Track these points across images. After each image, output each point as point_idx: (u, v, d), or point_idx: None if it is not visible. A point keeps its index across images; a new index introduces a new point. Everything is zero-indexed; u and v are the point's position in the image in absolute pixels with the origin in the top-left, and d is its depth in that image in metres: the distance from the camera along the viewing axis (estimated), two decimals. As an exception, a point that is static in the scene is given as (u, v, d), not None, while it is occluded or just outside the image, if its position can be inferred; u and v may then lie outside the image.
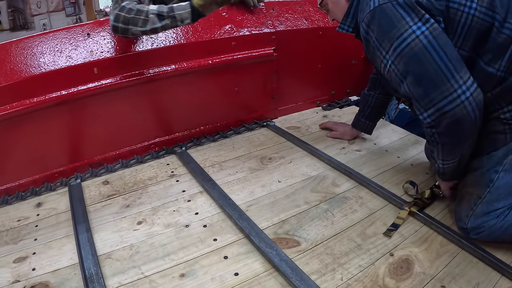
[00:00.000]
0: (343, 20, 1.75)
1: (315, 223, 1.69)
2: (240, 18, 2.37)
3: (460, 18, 1.42)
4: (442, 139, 1.49)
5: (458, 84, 1.36)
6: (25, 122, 1.87)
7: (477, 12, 1.41)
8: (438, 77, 1.37)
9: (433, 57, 1.37)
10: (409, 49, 1.40)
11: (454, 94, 1.36)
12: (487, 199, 1.51)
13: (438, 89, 1.38)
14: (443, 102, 1.38)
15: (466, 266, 1.46)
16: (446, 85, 1.36)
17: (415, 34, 1.39)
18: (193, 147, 2.34)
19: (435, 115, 1.41)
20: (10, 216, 1.81)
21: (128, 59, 2.03)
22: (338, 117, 2.71)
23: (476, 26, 1.42)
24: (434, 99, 1.39)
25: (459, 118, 1.38)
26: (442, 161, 1.59)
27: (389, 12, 1.43)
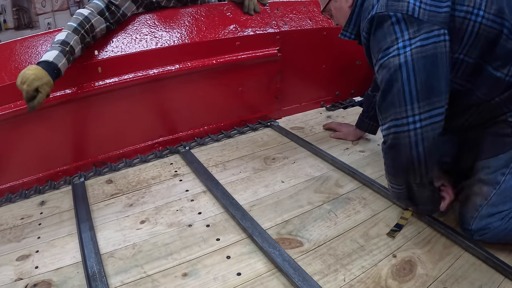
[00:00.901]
0: (345, 27, 1.75)
1: (318, 223, 1.69)
2: (244, 18, 2.37)
3: (467, 26, 1.40)
4: (385, 157, 1.53)
5: (412, 113, 1.37)
6: (29, 121, 1.88)
7: (484, 19, 1.38)
8: (397, 99, 1.39)
9: (402, 78, 1.37)
10: (387, 63, 1.41)
11: (404, 120, 1.38)
12: (493, 201, 1.50)
13: (392, 109, 1.41)
14: (392, 123, 1.41)
15: (469, 268, 1.45)
16: (401, 108, 1.38)
17: (398, 51, 1.38)
18: (197, 147, 2.34)
19: (386, 132, 1.46)
20: (13, 214, 1.81)
21: (132, 59, 2.03)
22: (342, 117, 2.70)
23: (483, 34, 1.39)
24: (387, 117, 1.43)
25: (399, 143, 1.41)
26: (390, 182, 1.61)
27: (384, 23, 1.42)
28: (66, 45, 1.77)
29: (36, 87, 1.67)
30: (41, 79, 1.67)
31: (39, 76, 1.66)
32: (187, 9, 2.25)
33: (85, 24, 1.87)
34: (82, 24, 1.86)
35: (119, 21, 2.05)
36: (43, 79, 1.67)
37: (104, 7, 1.95)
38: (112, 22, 2.00)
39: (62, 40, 1.78)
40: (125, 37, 2.05)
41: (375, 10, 1.44)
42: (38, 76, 1.66)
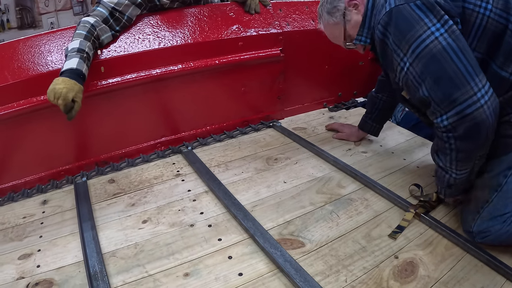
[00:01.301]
0: (359, 31, 1.71)
1: (320, 224, 1.69)
2: (247, 18, 2.37)
3: (476, 19, 1.41)
4: (459, 145, 1.46)
5: (478, 88, 1.35)
6: (32, 120, 1.88)
7: (492, 13, 1.39)
8: (458, 80, 1.36)
9: (453, 59, 1.36)
10: (428, 50, 1.39)
11: (474, 97, 1.35)
12: (495, 203, 1.50)
13: (458, 91, 1.37)
14: (463, 105, 1.37)
15: (471, 269, 1.45)
16: (466, 87, 1.35)
17: (434, 35, 1.37)
18: (199, 147, 2.34)
19: (454, 118, 1.40)
20: (15, 213, 1.82)
21: (135, 58, 2.03)
22: (345, 118, 2.70)
23: (491, 28, 1.41)
24: (454, 101, 1.38)
25: (478, 122, 1.37)
26: (456, 171, 1.56)
27: (406, 13, 1.41)
28: (82, 52, 1.79)
29: (72, 99, 1.70)
30: (73, 89, 1.71)
31: (70, 87, 1.70)
32: (190, 9, 2.26)
33: (93, 31, 1.89)
34: (91, 31, 1.87)
35: (125, 27, 2.06)
36: (74, 88, 1.72)
37: (108, 14, 1.96)
38: (117, 30, 2.02)
39: (78, 48, 1.79)
40: (128, 37, 2.05)
41: (394, 3, 1.44)
42: (69, 87, 1.70)
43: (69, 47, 1.80)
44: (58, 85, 1.69)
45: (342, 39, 1.77)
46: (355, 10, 1.69)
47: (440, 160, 1.59)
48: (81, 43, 1.81)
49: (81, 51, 1.79)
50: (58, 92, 1.68)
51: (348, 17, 1.70)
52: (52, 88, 1.69)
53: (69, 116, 1.75)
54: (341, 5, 1.70)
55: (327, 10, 1.74)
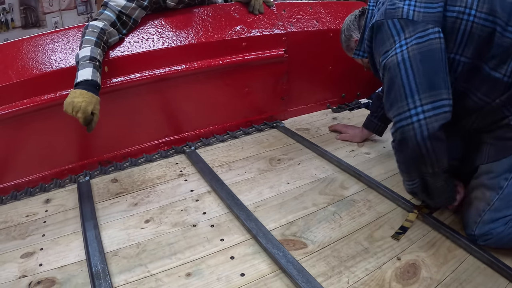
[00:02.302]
0: (357, 46, 1.83)
1: (323, 225, 1.69)
2: (251, 19, 2.37)
3: (460, 26, 1.43)
4: (396, 154, 1.57)
5: (414, 105, 1.41)
6: (36, 119, 1.89)
7: (476, 18, 1.41)
8: (399, 94, 1.44)
9: (401, 74, 1.43)
10: (388, 62, 1.48)
11: (407, 113, 1.42)
12: (496, 206, 1.50)
13: (396, 105, 1.46)
14: (397, 118, 1.45)
15: (473, 271, 1.44)
16: (403, 102, 1.43)
17: (395, 51, 1.45)
18: (202, 147, 2.35)
19: (393, 129, 1.50)
20: (18, 212, 1.82)
21: (139, 58, 2.03)
22: (348, 119, 2.70)
23: (476, 32, 1.42)
24: (392, 114, 1.48)
25: (405, 137, 1.44)
26: (405, 179, 1.63)
27: (383, 29, 1.50)
28: (95, 60, 1.79)
29: (91, 111, 1.73)
30: (91, 102, 1.72)
31: (88, 100, 1.71)
32: (194, 10, 2.26)
33: (103, 36, 1.89)
34: (101, 37, 1.87)
35: (131, 29, 2.07)
36: (92, 101, 1.73)
37: (115, 18, 1.96)
38: (124, 33, 2.03)
39: (90, 56, 1.78)
40: (132, 37, 2.06)
41: (375, 19, 1.55)
42: (88, 101, 1.71)
43: (80, 55, 1.79)
44: (77, 99, 1.69)
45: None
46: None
47: None
48: (92, 51, 1.80)
49: (93, 60, 1.79)
50: (77, 106, 1.69)
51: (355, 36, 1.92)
52: (70, 101, 1.70)
53: (89, 129, 1.78)
54: (352, 43, 1.97)
55: (344, 40, 2.01)
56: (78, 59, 1.79)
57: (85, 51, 1.80)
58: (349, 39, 1.96)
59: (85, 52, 1.79)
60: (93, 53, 1.80)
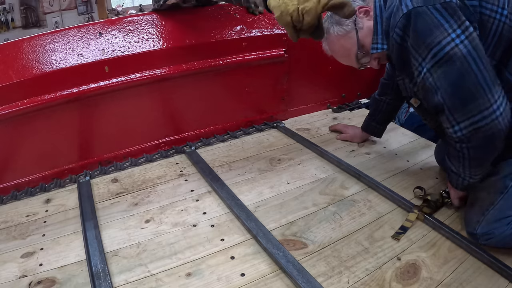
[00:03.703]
0: (373, 39, 1.62)
1: (323, 225, 1.69)
2: (251, 19, 2.37)
3: (492, 25, 1.38)
4: (472, 154, 1.46)
5: (494, 99, 1.33)
6: (36, 119, 1.88)
7: (508, 19, 1.37)
8: (476, 90, 1.33)
9: (472, 68, 1.33)
10: (448, 57, 1.35)
11: (490, 109, 1.33)
12: (500, 206, 1.49)
13: (475, 102, 1.34)
14: (478, 116, 1.35)
15: (474, 272, 1.44)
16: (484, 98, 1.33)
17: (454, 42, 1.33)
18: (203, 147, 2.35)
19: (468, 129, 1.39)
20: (19, 212, 1.82)
21: (139, 58, 2.03)
22: (348, 119, 2.70)
23: (506, 34, 1.38)
24: (470, 111, 1.36)
25: (493, 133, 1.36)
26: (470, 175, 1.56)
27: (426, 17, 1.35)
28: None
29: None
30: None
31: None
32: (194, 10, 2.25)
33: None
34: None
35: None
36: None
37: None
38: None
39: None
40: (132, 37, 2.06)
41: (412, 5, 1.37)
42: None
43: None
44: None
45: (355, 51, 1.68)
46: (366, 17, 1.63)
47: (453, 165, 1.59)
48: None
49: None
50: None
51: (360, 25, 1.64)
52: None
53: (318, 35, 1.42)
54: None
55: (336, 21, 1.67)
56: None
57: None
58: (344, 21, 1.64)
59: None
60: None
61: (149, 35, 2.09)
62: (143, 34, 2.08)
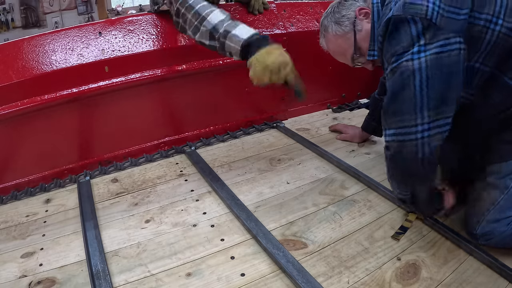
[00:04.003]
0: (370, 46, 1.65)
1: (323, 225, 1.69)
2: (251, 19, 2.37)
3: (486, 35, 1.36)
4: (389, 164, 1.53)
5: (422, 121, 1.35)
6: (36, 119, 1.89)
7: (503, 28, 1.35)
8: (407, 105, 1.36)
9: (414, 84, 1.33)
10: (400, 67, 1.36)
11: (413, 129, 1.36)
12: (500, 206, 1.49)
13: (400, 116, 1.38)
14: (399, 130, 1.39)
15: (473, 272, 1.44)
16: (411, 116, 1.35)
17: (412, 56, 1.33)
18: (203, 147, 2.35)
19: (390, 138, 1.43)
20: (19, 212, 1.82)
21: (139, 58, 2.03)
22: (348, 119, 2.70)
23: (501, 43, 1.37)
24: (393, 123, 1.41)
25: (404, 151, 1.40)
26: (392, 185, 1.61)
27: (401, 26, 1.35)
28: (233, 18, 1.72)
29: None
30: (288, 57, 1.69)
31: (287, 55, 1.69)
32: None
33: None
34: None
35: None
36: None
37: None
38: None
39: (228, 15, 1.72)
40: (132, 37, 2.06)
41: (392, 13, 1.38)
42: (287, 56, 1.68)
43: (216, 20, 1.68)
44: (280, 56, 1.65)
45: (351, 53, 1.71)
46: (366, 20, 1.64)
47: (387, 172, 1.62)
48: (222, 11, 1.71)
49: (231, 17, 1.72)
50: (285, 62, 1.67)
51: (359, 27, 1.65)
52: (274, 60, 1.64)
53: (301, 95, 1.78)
54: (351, 13, 1.66)
55: (335, 20, 1.69)
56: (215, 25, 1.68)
57: (217, 14, 1.69)
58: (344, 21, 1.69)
59: (218, 15, 1.69)
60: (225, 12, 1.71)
61: (149, 35, 2.09)
62: (143, 34, 2.08)
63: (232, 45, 1.67)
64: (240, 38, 1.65)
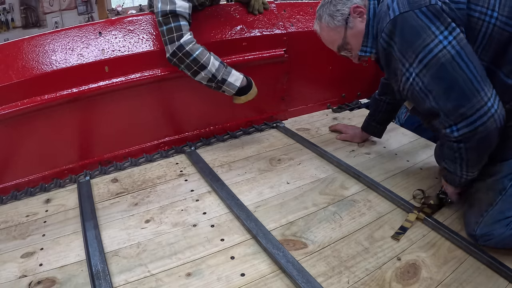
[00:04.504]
0: (363, 42, 1.66)
1: (323, 225, 1.69)
2: (251, 19, 2.37)
3: (481, 27, 1.38)
4: (470, 153, 1.46)
5: (487, 97, 1.34)
6: (36, 119, 1.89)
7: (498, 21, 1.36)
8: (469, 90, 1.34)
9: (463, 69, 1.33)
10: (437, 60, 1.35)
11: (485, 108, 1.34)
12: (498, 207, 1.49)
13: (469, 102, 1.34)
14: (474, 116, 1.35)
15: (473, 272, 1.44)
16: (477, 97, 1.34)
17: (442, 44, 1.34)
18: (203, 147, 2.35)
19: (465, 130, 1.39)
20: (19, 212, 1.82)
21: (139, 58, 2.03)
22: (348, 119, 2.70)
23: (496, 36, 1.38)
24: (465, 112, 1.36)
25: (490, 131, 1.37)
26: (467, 172, 1.56)
27: (413, 21, 1.37)
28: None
29: None
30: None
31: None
32: (194, 10, 2.25)
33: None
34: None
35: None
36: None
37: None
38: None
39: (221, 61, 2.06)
40: (132, 37, 2.05)
41: (398, 11, 1.39)
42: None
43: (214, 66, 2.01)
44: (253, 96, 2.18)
45: (339, 45, 1.73)
46: (359, 18, 1.64)
47: (449, 166, 1.59)
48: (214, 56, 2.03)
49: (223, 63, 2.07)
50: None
51: (351, 24, 1.66)
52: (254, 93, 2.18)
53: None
54: (345, 9, 1.66)
55: (329, 13, 1.69)
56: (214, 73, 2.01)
57: (214, 62, 2.01)
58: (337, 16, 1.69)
59: (215, 63, 2.01)
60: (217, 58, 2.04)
61: (149, 35, 2.09)
62: (143, 34, 2.08)
63: (228, 89, 2.09)
64: (235, 86, 2.09)
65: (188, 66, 1.98)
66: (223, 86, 2.05)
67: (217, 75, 2.01)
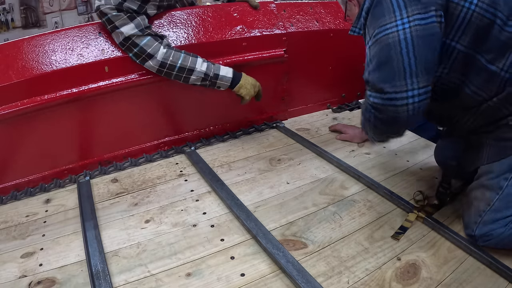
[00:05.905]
0: (354, 22, 1.71)
1: (323, 225, 1.69)
2: (251, 19, 2.37)
3: (460, 12, 1.39)
4: (378, 123, 1.51)
5: (412, 87, 1.37)
6: (36, 119, 1.88)
7: (477, 8, 1.37)
8: (398, 73, 1.38)
9: (402, 54, 1.37)
10: (385, 38, 1.39)
11: (404, 94, 1.38)
12: (496, 206, 1.49)
13: (391, 82, 1.39)
14: (390, 95, 1.40)
15: (473, 272, 1.44)
16: (401, 82, 1.37)
17: (397, 28, 1.37)
18: (202, 147, 2.35)
19: (379, 101, 1.44)
20: (18, 212, 1.82)
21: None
22: (348, 119, 2.70)
23: (475, 22, 1.39)
24: (383, 88, 1.41)
25: (399, 117, 1.41)
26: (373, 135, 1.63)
27: (384, 3, 1.41)
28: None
29: None
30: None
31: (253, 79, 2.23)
32: (193, 10, 2.25)
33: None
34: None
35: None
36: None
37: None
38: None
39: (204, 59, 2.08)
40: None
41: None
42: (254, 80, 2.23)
43: (202, 67, 2.06)
44: (250, 84, 2.20)
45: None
46: (355, 6, 1.70)
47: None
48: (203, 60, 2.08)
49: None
50: (256, 86, 2.24)
51: (349, 7, 1.73)
52: (250, 88, 2.20)
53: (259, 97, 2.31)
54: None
55: None
56: (205, 72, 2.06)
57: (199, 61, 2.05)
58: None
59: (200, 63, 2.05)
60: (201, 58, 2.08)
61: (149, 35, 2.09)
62: (143, 34, 2.08)
63: (223, 83, 2.13)
64: (228, 77, 2.12)
65: (177, 76, 2.03)
66: (217, 81, 2.10)
67: (208, 73, 2.06)
